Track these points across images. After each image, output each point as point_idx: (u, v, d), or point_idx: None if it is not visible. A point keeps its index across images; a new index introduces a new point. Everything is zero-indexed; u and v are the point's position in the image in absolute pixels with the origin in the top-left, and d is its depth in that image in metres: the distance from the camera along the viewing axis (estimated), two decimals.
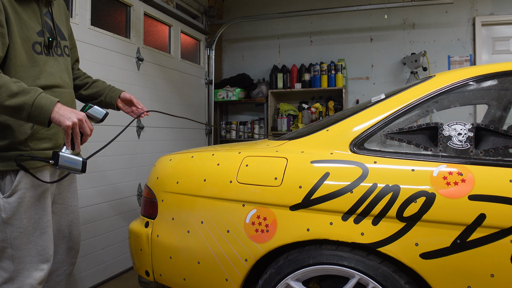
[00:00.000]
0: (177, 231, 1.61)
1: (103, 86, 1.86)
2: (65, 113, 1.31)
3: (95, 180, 2.65)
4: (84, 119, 1.36)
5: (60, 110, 1.31)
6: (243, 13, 4.74)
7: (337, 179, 1.37)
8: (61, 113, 1.31)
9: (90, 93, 1.84)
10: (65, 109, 1.33)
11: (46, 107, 1.29)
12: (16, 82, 1.29)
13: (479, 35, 3.99)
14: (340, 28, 4.45)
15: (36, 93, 1.30)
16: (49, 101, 1.30)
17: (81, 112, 1.39)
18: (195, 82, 4.04)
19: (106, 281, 2.79)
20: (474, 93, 1.59)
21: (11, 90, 1.26)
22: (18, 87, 1.28)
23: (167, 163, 1.75)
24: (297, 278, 1.42)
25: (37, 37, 1.45)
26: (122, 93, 1.86)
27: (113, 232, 2.83)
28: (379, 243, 1.29)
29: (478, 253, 1.20)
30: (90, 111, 1.50)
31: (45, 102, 1.29)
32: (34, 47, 1.44)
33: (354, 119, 1.51)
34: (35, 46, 1.45)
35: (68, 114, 1.32)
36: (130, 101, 1.87)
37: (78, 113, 1.36)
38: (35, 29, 1.45)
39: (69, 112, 1.33)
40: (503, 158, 1.27)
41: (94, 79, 1.87)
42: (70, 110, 1.34)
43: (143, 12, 3.17)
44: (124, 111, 1.90)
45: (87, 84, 1.84)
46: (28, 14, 1.44)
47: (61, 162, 1.34)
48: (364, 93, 4.37)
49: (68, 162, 1.35)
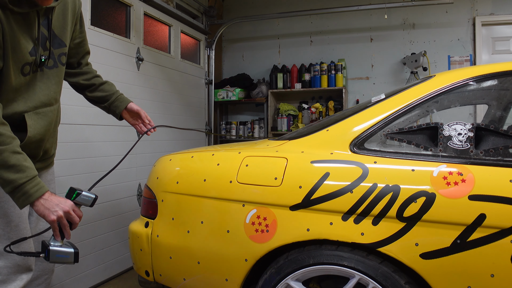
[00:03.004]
0: (177, 231, 1.61)
1: (111, 91, 1.75)
2: (50, 205, 1.24)
3: (95, 180, 2.65)
4: (71, 209, 1.28)
5: (46, 203, 1.24)
6: (243, 13, 4.74)
7: (337, 179, 1.37)
8: (47, 205, 1.24)
9: (95, 97, 1.73)
10: (51, 200, 1.25)
11: (31, 197, 1.23)
12: (16, 153, 1.23)
13: (479, 35, 3.99)
14: (340, 28, 4.45)
15: (29, 175, 1.23)
16: (37, 191, 1.24)
17: (68, 201, 1.30)
18: (195, 82, 4.04)
19: (106, 281, 2.79)
20: (474, 93, 1.59)
21: (7, 161, 1.20)
22: (16, 160, 1.21)
23: (167, 163, 1.75)
24: (297, 278, 1.42)
25: (28, 58, 1.33)
26: (129, 104, 1.75)
27: (113, 232, 2.83)
28: (379, 243, 1.29)
29: (478, 253, 1.20)
30: (78, 199, 1.35)
31: (33, 191, 1.23)
32: (23, 70, 1.33)
33: (354, 119, 1.51)
34: (24, 68, 1.34)
35: (54, 207, 1.24)
36: (137, 113, 1.76)
37: (64, 203, 1.27)
38: (27, 48, 1.33)
39: (54, 204, 1.25)
40: (503, 158, 1.27)
41: (102, 81, 1.75)
42: (56, 200, 1.27)
43: (143, 12, 3.17)
44: (128, 123, 1.79)
45: (93, 85, 1.72)
46: (23, 30, 1.31)
47: (52, 258, 1.28)
48: (364, 93, 4.37)
49: (60, 257, 1.29)
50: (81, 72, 1.70)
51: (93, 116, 2.58)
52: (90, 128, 2.59)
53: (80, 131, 2.52)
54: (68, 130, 2.40)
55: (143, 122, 1.79)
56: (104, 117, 2.17)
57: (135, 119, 1.79)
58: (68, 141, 2.42)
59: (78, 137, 2.51)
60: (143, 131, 1.79)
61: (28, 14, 1.31)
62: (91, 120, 2.58)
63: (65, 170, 2.41)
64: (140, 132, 1.81)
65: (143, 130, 1.80)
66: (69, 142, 2.44)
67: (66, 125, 2.36)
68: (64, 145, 2.39)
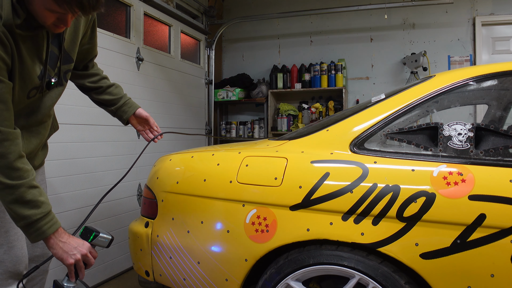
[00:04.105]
0: (177, 231, 1.61)
1: (119, 94, 1.67)
2: (69, 248, 1.24)
3: (95, 180, 2.65)
4: (88, 251, 1.28)
5: (64, 246, 1.24)
6: (243, 13, 4.74)
7: (337, 179, 1.37)
8: (65, 248, 1.24)
9: (102, 99, 1.66)
10: (69, 243, 1.25)
11: (44, 233, 1.22)
12: (32, 187, 1.21)
13: (479, 35, 3.99)
14: (340, 28, 4.45)
15: (44, 211, 1.21)
16: (50, 227, 1.22)
17: (86, 244, 1.29)
18: (195, 82, 4.04)
19: (106, 281, 2.79)
20: (474, 93, 1.59)
21: (23, 197, 1.18)
22: (32, 195, 1.20)
23: (167, 163, 1.75)
24: (297, 278, 1.42)
25: (36, 82, 1.28)
26: (138, 109, 1.69)
27: (113, 232, 2.83)
28: (379, 243, 1.29)
29: (478, 253, 1.20)
30: (95, 241, 1.33)
31: (46, 227, 1.21)
32: (29, 94, 1.29)
33: (354, 119, 1.51)
34: (31, 92, 1.29)
35: (72, 250, 1.24)
36: (145, 120, 1.71)
37: (82, 246, 1.27)
38: (36, 73, 1.27)
39: (72, 247, 1.25)
40: (503, 158, 1.27)
41: (109, 83, 1.68)
42: (75, 243, 1.26)
43: (143, 12, 3.17)
44: (135, 129, 1.73)
45: (100, 88, 1.65)
46: (32, 53, 1.24)
47: None
48: (364, 93, 4.36)
49: None
50: (88, 74, 1.64)
51: (93, 116, 2.58)
52: (90, 128, 2.59)
53: (80, 131, 2.52)
54: (68, 130, 2.40)
55: (151, 128, 1.74)
56: (104, 117, 2.17)
57: (142, 125, 1.74)
58: (68, 141, 2.42)
59: (78, 137, 2.51)
60: (150, 138, 1.75)
61: (37, 35, 1.24)
62: (91, 120, 2.58)
63: (65, 170, 2.41)
64: (146, 139, 1.76)
65: (150, 137, 1.75)
66: (69, 142, 2.44)
67: (66, 125, 2.36)
68: (64, 145, 2.39)
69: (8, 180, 1.17)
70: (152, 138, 1.74)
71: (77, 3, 1.08)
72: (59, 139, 2.27)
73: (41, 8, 1.12)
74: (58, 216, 1.30)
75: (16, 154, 1.19)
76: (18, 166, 1.19)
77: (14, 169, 1.18)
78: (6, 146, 1.17)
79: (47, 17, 1.14)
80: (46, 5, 1.11)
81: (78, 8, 1.10)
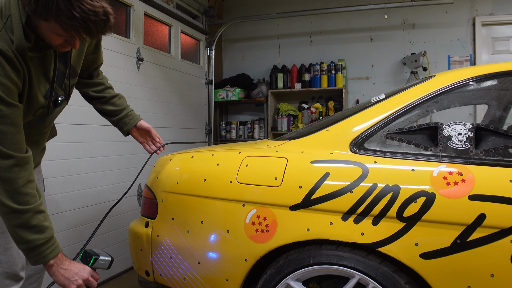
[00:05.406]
0: (177, 231, 1.61)
1: (121, 106, 1.68)
2: (70, 275, 1.27)
3: (95, 180, 2.65)
4: (90, 275, 1.31)
5: (66, 272, 1.26)
6: (243, 13, 4.74)
7: (337, 179, 1.37)
8: (67, 275, 1.26)
9: (104, 109, 1.68)
10: (70, 269, 1.27)
11: (45, 258, 1.24)
12: (38, 213, 1.22)
13: (479, 35, 3.99)
14: (340, 28, 4.45)
15: (47, 236, 1.23)
16: (51, 252, 1.24)
17: (87, 268, 1.32)
18: (195, 82, 4.04)
19: (106, 281, 2.79)
20: (474, 93, 1.59)
21: (29, 222, 1.20)
22: (37, 220, 1.21)
23: (167, 163, 1.75)
24: (297, 278, 1.42)
25: (42, 102, 1.30)
26: (139, 121, 1.69)
27: (113, 232, 2.83)
28: (379, 243, 1.29)
29: (478, 253, 1.20)
30: (95, 265, 1.37)
31: (47, 252, 1.24)
32: (35, 113, 1.32)
33: (354, 119, 1.51)
34: (37, 111, 1.32)
35: (73, 276, 1.27)
36: (147, 131, 1.72)
37: (83, 271, 1.30)
38: (42, 93, 1.29)
39: (74, 273, 1.27)
40: (503, 158, 1.27)
41: (113, 94, 1.68)
42: (75, 269, 1.28)
43: (143, 12, 3.17)
44: (137, 141, 1.73)
45: (103, 98, 1.66)
46: (40, 73, 1.25)
47: None
48: (364, 93, 4.36)
49: None
50: (92, 83, 1.64)
51: (93, 116, 2.56)
52: (90, 128, 2.59)
53: (80, 131, 2.52)
54: (68, 130, 2.40)
55: (153, 140, 1.75)
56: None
57: (144, 137, 1.76)
58: (68, 141, 2.42)
59: (78, 137, 2.51)
60: (152, 150, 1.76)
61: (45, 54, 1.25)
62: (91, 120, 2.58)
63: (65, 170, 2.41)
64: (149, 151, 1.76)
65: (152, 148, 1.76)
66: (69, 142, 2.44)
67: (66, 125, 2.36)
68: (64, 145, 2.39)
69: (16, 205, 1.18)
70: (154, 150, 1.74)
71: (85, 29, 1.08)
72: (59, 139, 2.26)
73: (48, 32, 1.13)
74: (55, 218, 1.30)
75: (25, 179, 1.21)
76: (27, 191, 1.21)
77: (22, 194, 1.19)
78: (16, 171, 1.19)
79: (54, 39, 1.15)
80: (53, 30, 1.11)
81: (85, 33, 1.10)
